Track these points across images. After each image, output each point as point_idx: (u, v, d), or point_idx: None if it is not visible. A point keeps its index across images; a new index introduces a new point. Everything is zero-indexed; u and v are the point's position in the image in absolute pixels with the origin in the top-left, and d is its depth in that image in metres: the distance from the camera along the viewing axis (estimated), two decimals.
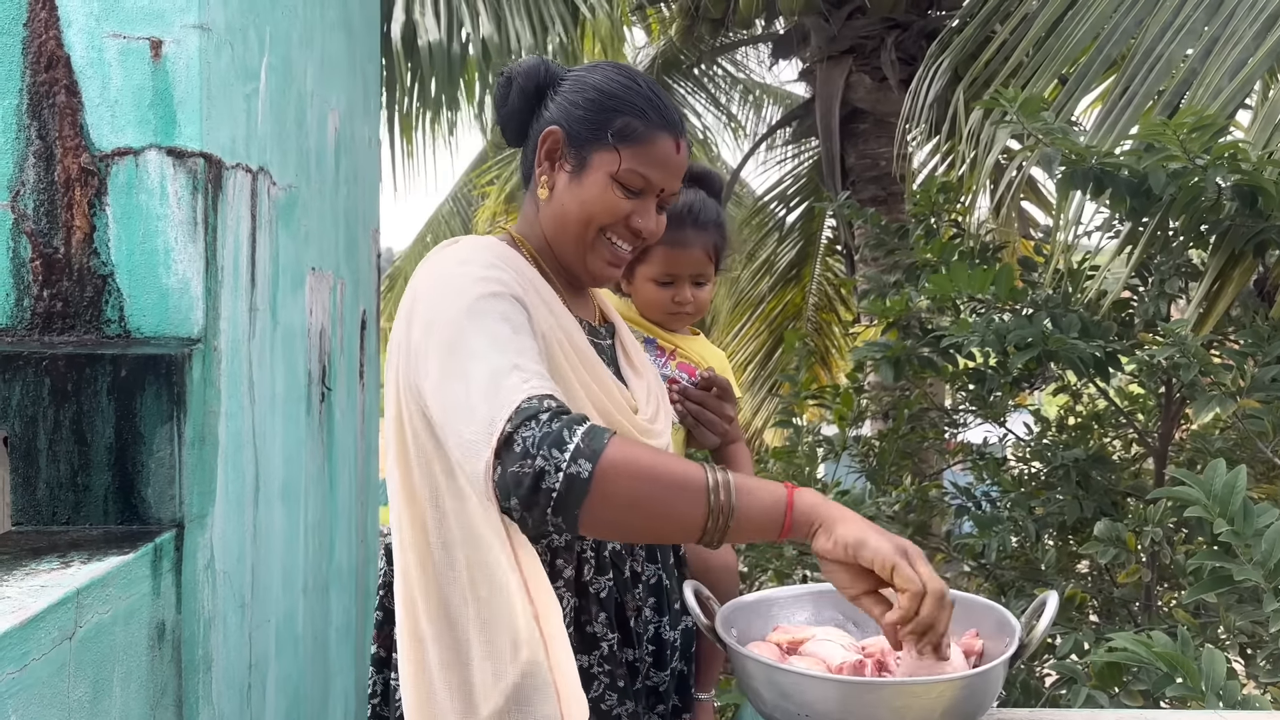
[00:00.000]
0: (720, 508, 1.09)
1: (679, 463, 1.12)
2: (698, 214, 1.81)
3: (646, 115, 1.36)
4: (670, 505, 1.09)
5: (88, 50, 1.70)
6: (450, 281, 1.26)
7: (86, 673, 1.35)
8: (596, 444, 1.07)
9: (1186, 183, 2.23)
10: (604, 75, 1.40)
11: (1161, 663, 1.40)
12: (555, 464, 1.06)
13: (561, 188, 1.37)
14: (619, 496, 1.08)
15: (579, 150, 1.36)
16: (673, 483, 1.09)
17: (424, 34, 4.94)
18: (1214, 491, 1.67)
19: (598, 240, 1.38)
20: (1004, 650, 1.08)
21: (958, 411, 3.53)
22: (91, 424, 1.62)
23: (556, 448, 1.06)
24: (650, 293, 1.86)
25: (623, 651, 1.36)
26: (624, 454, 1.08)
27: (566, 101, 1.38)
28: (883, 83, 5.54)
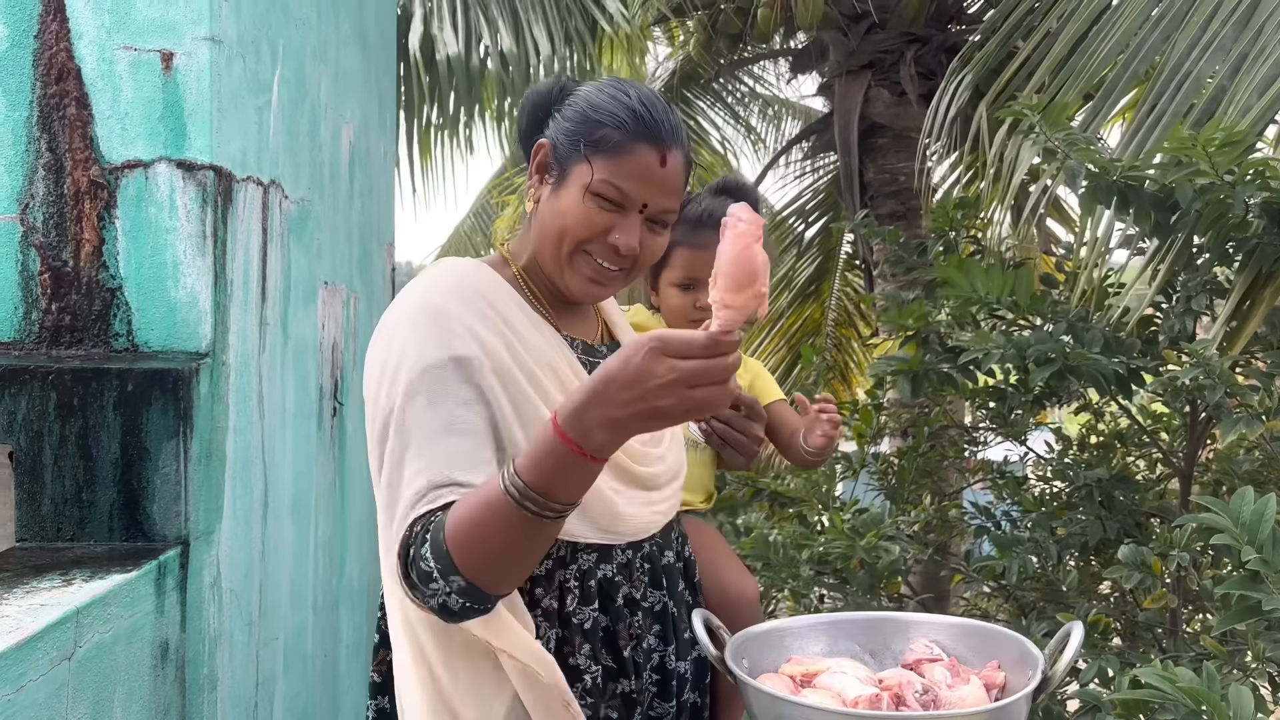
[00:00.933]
0: (532, 501, 1.08)
1: (482, 499, 1.13)
2: (717, 216, 1.75)
3: (625, 126, 1.30)
4: (506, 533, 1.11)
5: (98, 62, 1.69)
6: (393, 347, 1.26)
7: (86, 694, 1.33)
8: (440, 553, 1.12)
9: (1214, 199, 2.18)
10: (597, 88, 1.36)
11: (1187, 699, 1.35)
12: (443, 593, 1.13)
13: (544, 201, 1.35)
14: (497, 569, 1.14)
15: (562, 163, 1.33)
16: (490, 514, 1.11)
17: (442, 47, 4.94)
18: (1243, 519, 1.62)
19: (576, 256, 1.32)
20: (1026, 683, 1.04)
21: (978, 429, 3.48)
22: (97, 439, 1.61)
23: (430, 582, 1.13)
24: (673, 299, 1.83)
25: (614, 683, 1.31)
26: (462, 542, 1.12)
27: (561, 116, 1.36)
28: (902, 97, 5.49)
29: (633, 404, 1.03)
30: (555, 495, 1.08)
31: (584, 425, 1.05)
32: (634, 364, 1.02)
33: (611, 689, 1.30)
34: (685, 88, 7.33)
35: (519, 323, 1.30)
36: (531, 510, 1.08)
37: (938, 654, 1.18)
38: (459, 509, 1.13)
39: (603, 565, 1.31)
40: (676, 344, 1.01)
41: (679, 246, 1.77)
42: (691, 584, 1.47)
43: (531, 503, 1.07)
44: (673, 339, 1.02)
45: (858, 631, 1.27)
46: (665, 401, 1.02)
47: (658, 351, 1.01)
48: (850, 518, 2.58)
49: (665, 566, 1.39)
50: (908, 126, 5.51)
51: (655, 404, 1.02)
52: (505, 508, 1.08)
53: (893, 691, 1.07)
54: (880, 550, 2.45)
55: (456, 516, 1.12)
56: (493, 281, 1.33)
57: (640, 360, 1.02)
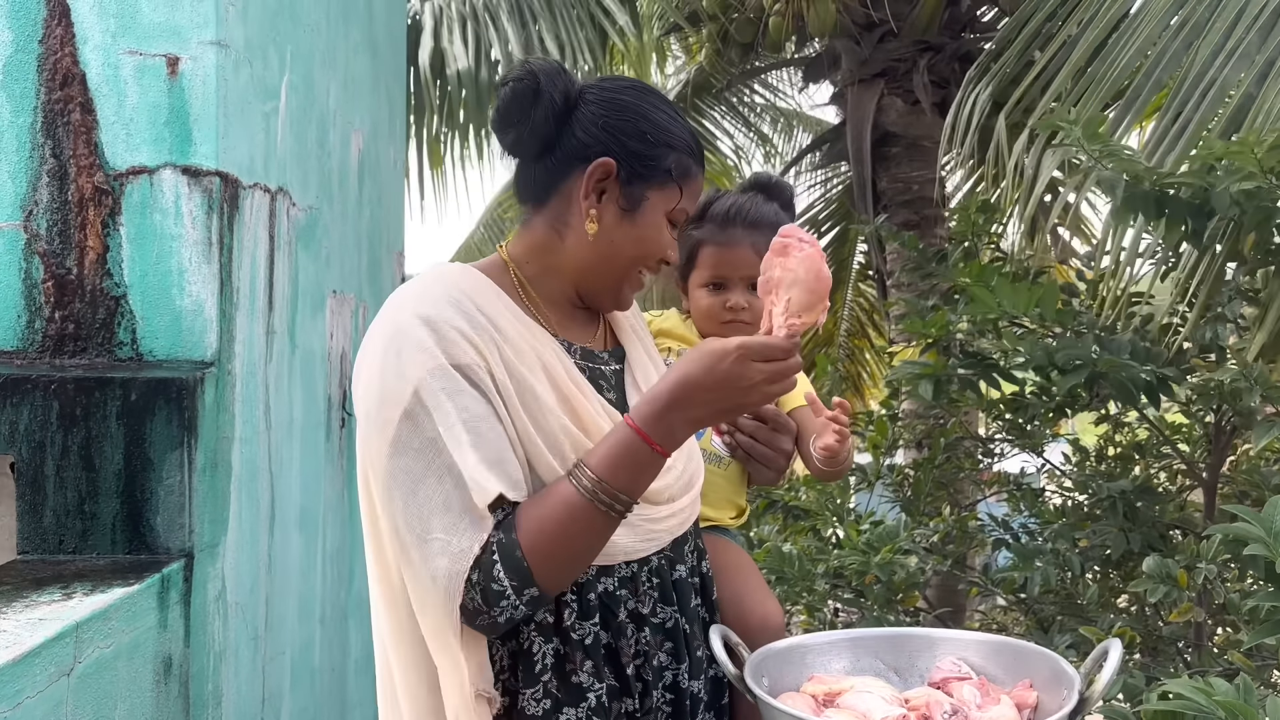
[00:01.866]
0: (618, 501, 1.17)
1: (556, 500, 1.18)
2: (746, 213, 1.69)
3: (693, 151, 1.35)
4: (590, 536, 1.19)
5: (103, 67, 1.66)
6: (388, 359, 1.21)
7: (86, 710, 1.30)
8: (520, 570, 1.15)
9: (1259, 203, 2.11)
10: (650, 104, 1.33)
11: (1223, 712, 1.30)
12: (512, 606, 1.16)
13: (611, 224, 1.30)
14: (567, 577, 1.21)
15: (630, 186, 1.29)
16: (573, 521, 1.17)
17: (452, 61, 4.93)
18: (1276, 528, 1.57)
19: (636, 276, 1.36)
20: (1061, 704, 0.99)
21: (993, 441, 3.43)
22: (100, 450, 1.58)
23: (501, 599, 1.16)
24: (702, 300, 1.73)
25: (618, 702, 1.26)
26: (541, 552, 1.16)
27: (615, 129, 1.29)
28: (915, 106, 5.45)
29: (718, 403, 1.17)
30: (633, 492, 1.18)
31: (667, 425, 1.17)
32: (722, 370, 1.15)
33: (617, 709, 1.25)
34: (698, 97, 7.32)
35: (508, 327, 1.26)
36: (617, 511, 1.17)
37: (966, 672, 1.13)
38: (533, 524, 1.17)
39: (603, 579, 1.26)
40: (762, 349, 1.16)
41: (706, 245, 1.69)
42: (708, 601, 1.42)
43: (617, 503, 1.17)
44: (756, 346, 1.16)
45: (882, 648, 1.22)
46: (752, 399, 1.18)
47: (746, 358, 1.15)
48: (866, 531, 2.54)
49: (676, 581, 1.34)
50: (921, 135, 5.48)
51: (740, 401, 1.18)
52: (590, 514, 1.16)
53: (920, 712, 1.03)
54: (896, 565, 2.40)
55: (533, 531, 1.17)
56: (481, 286, 1.29)
57: (729, 366, 1.15)
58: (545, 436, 1.22)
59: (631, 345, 1.45)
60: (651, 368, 1.46)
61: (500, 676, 1.23)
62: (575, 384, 1.28)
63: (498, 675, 1.23)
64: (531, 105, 1.29)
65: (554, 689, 1.22)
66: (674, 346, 1.75)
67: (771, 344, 1.16)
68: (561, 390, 1.26)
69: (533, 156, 1.33)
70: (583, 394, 1.28)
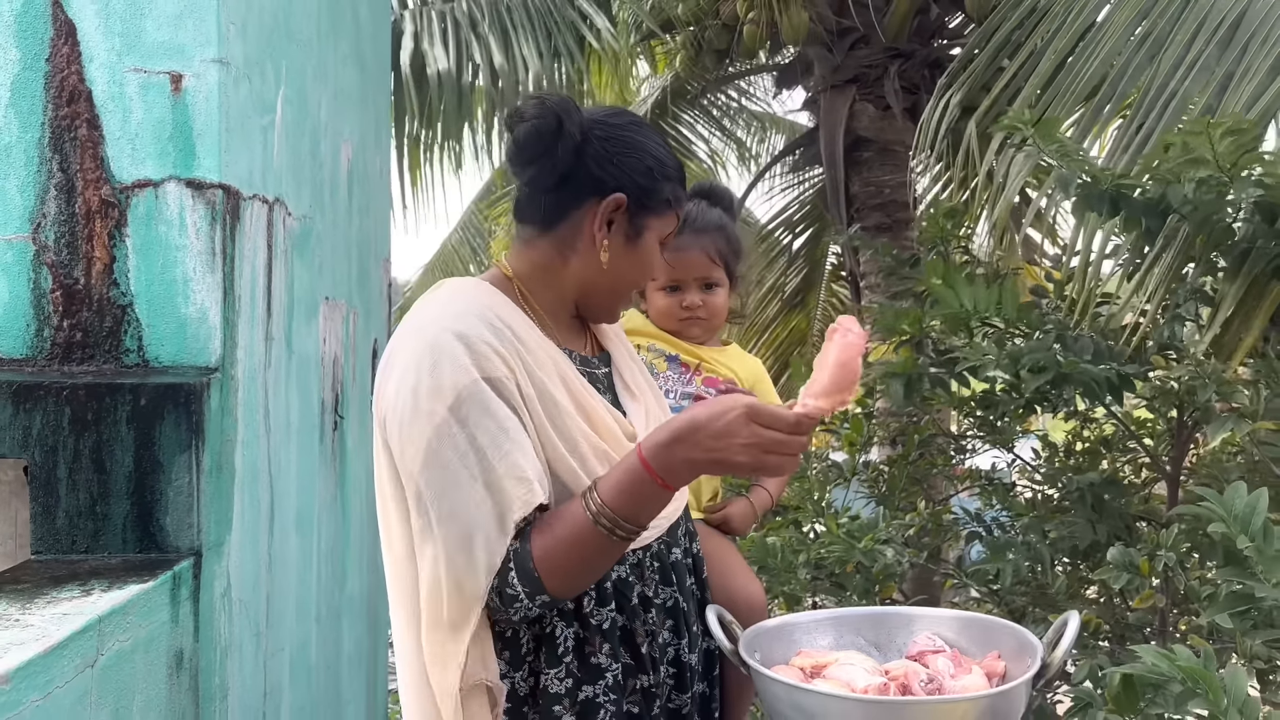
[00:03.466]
0: (620, 528, 1.24)
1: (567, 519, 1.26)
2: (694, 220, 1.86)
3: (682, 179, 1.46)
4: (594, 555, 1.27)
5: (109, 84, 1.72)
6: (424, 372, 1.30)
7: (108, 701, 1.36)
8: (531, 580, 1.25)
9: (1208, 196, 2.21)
10: (650, 139, 1.45)
11: (1184, 677, 1.39)
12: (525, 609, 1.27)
13: (616, 252, 1.42)
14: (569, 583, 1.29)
15: (635, 218, 1.41)
16: (579, 541, 1.25)
17: (433, 63, 4.99)
18: (1236, 511, 1.67)
19: (630, 293, 1.51)
20: (1025, 671, 1.08)
21: (965, 438, 3.53)
22: (111, 453, 1.63)
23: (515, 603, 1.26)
24: (659, 301, 1.90)
25: (634, 679, 1.37)
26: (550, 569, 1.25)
27: (625, 166, 1.40)
28: (886, 111, 5.57)
29: (713, 452, 1.20)
30: (638, 519, 1.25)
31: (668, 461, 1.21)
32: (723, 421, 1.19)
33: (631, 685, 1.36)
34: (673, 103, 7.40)
35: (529, 339, 1.36)
36: (619, 535, 1.24)
37: (940, 646, 1.23)
38: (545, 539, 1.26)
39: (616, 567, 1.37)
40: (765, 416, 1.19)
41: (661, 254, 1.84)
42: (700, 579, 1.53)
43: (620, 529, 1.24)
44: (763, 411, 1.19)
45: (863, 626, 1.31)
46: (740, 459, 1.20)
47: (747, 418, 1.18)
48: (846, 523, 2.63)
49: (674, 564, 1.45)
50: (892, 140, 5.59)
51: (732, 458, 1.20)
52: (595, 535, 1.24)
53: (899, 682, 1.12)
54: (876, 554, 2.49)
55: (544, 546, 1.25)
56: (499, 300, 1.39)
57: (730, 420, 1.19)
58: (565, 440, 1.32)
59: (615, 349, 1.57)
60: (635, 368, 1.57)
61: (526, 659, 1.33)
62: (586, 390, 1.38)
63: (524, 658, 1.32)
64: (554, 143, 1.38)
65: (575, 669, 1.32)
66: (642, 343, 1.88)
67: (778, 414, 1.20)
68: (575, 396, 1.36)
69: (546, 188, 1.41)
70: (591, 398, 1.38)
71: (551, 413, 1.32)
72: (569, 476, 1.31)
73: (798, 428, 1.20)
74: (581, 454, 1.32)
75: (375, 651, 2.91)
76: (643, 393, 1.54)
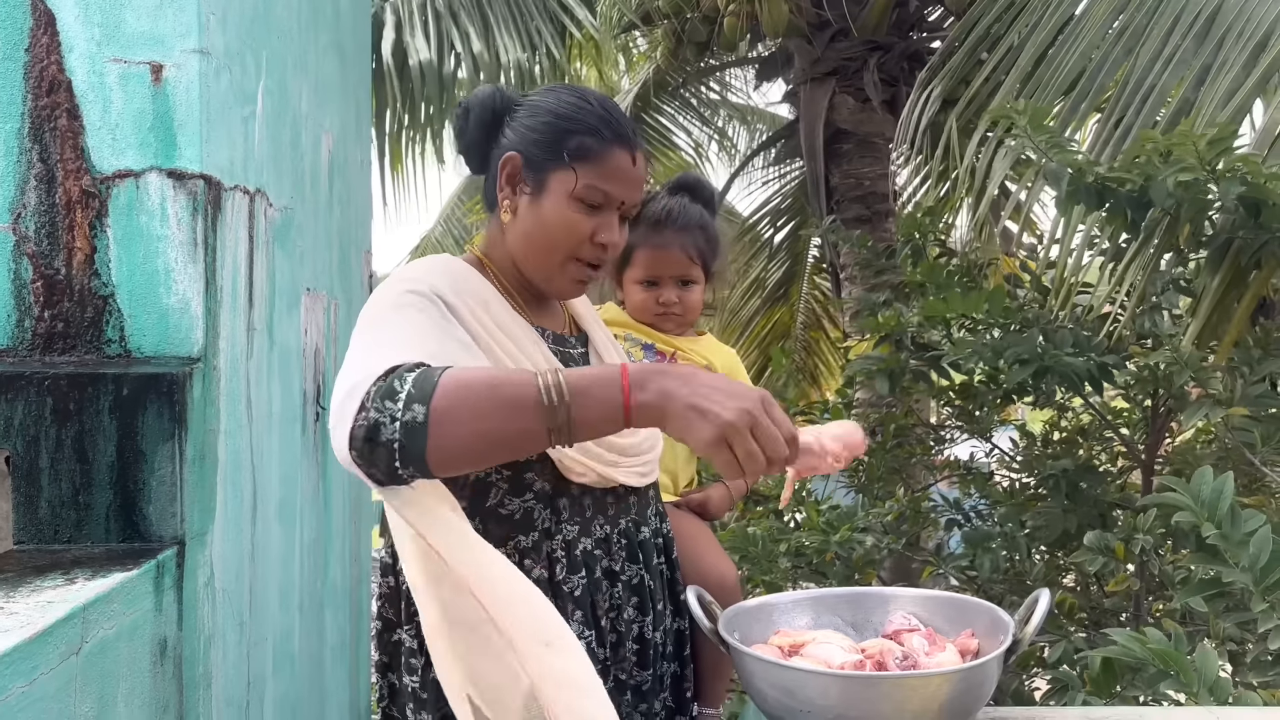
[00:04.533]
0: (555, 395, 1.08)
1: (510, 379, 1.10)
2: (677, 217, 1.87)
3: (599, 132, 1.40)
4: (509, 426, 1.08)
5: (89, 75, 1.72)
6: (383, 289, 1.35)
7: (92, 689, 1.36)
8: (426, 385, 1.07)
9: (1194, 195, 2.26)
10: (556, 98, 1.45)
11: (1156, 659, 1.43)
12: (390, 414, 1.07)
13: (524, 210, 1.43)
14: (458, 435, 1.08)
15: (537, 173, 1.42)
16: (505, 402, 1.08)
17: (414, 54, 4.98)
18: (1202, 497, 1.70)
19: (567, 263, 1.42)
20: (998, 648, 1.11)
21: (944, 428, 3.57)
22: (93, 443, 1.64)
23: (389, 399, 1.07)
24: (636, 295, 1.92)
25: (592, 652, 1.38)
26: (455, 388, 1.07)
27: (523, 127, 1.43)
28: (866, 104, 5.60)
29: (704, 396, 1.05)
30: (575, 409, 1.08)
31: (646, 378, 1.08)
32: (738, 385, 1.08)
33: (592, 657, 1.37)
34: (654, 94, 7.41)
35: (501, 314, 1.39)
36: (548, 404, 1.07)
37: (915, 624, 1.25)
38: (469, 369, 1.12)
39: (583, 539, 1.39)
40: (779, 413, 1.07)
41: (640, 247, 1.87)
42: (669, 559, 1.55)
43: (552, 395, 1.07)
44: (776, 405, 1.08)
45: (841, 606, 1.34)
46: (730, 416, 1.04)
47: (761, 398, 1.06)
48: (825, 512, 2.66)
49: (642, 542, 1.47)
50: (872, 132, 5.62)
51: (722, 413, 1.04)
52: (525, 384, 1.08)
53: (875, 659, 1.14)
54: (854, 542, 2.52)
55: (465, 370, 1.11)
56: (469, 272, 1.43)
57: (744, 388, 1.07)
58: None
59: (593, 330, 1.60)
60: (613, 349, 1.60)
61: None
62: (555, 363, 1.40)
63: None
64: (465, 124, 1.47)
65: None
66: (619, 333, 1.90)
67: (787, 421, 1.09)
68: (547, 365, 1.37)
69: (479, 169, 1.50)
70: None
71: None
72: None
73: (793, 447, 1.08)
74: None
75: (358, 641, 2.92)
76: None
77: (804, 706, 1.08)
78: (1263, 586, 1.61)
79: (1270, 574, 1.63)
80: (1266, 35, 2.67)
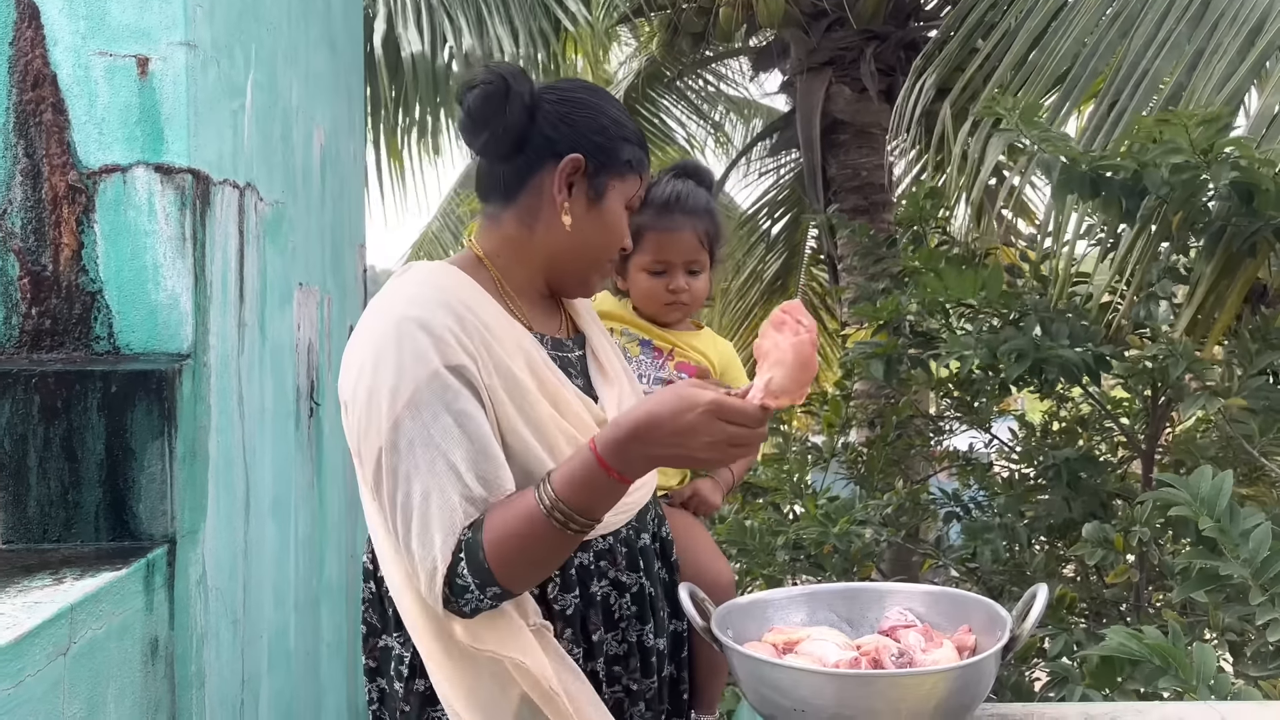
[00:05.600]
0: (575, 522, 1.21)
1: (520, 510, 1.23)
2: (686, 200, 1.81)
3: (643, 144, 1.44)
4: (547, 549, 1.24)
5: (74, 68, 1.70)
6: (384, 361, 1.27)
7: (81, 689, 1.35)
8: (481, 570, 1.22)
9: (1186, 179, 2.24)
10: (606, 101, 1.43)
11: (1154, 656, 1.41)
12: (475, 603, 1.24)
13: (580, 215, 1.39)
14: (528, 583, 1.27)
15: (595, 178, 1.38)
16: (532, 534, 1.21)
17: (406, 46, 4.95)
18: (1201, 494, 1.69)
19: (605, 265, 1.45)
20: (996, 644, 1.09)
21: (943, 418, 3.55)
22: (82, 441, 1.62)
23: (465, 594, 1.23)
24: (644, 283, 1.85)
25: (592, 662, 1.37)
26: (500, 555, 1.21)
27: (580, 126, 1.38)
28: (862, 94, 5.58)
29: (674, 448, 1.17)
30: (593, 513, 1.22)
31: (626, 457, 1.19)
32: (687, 419, 1.16)
33: (590, 668, 1.36)
34: (649, 86, 7.38)
35: (496, 325, 1.34)
36: (574, 529, 1.21)
37: (912, 620, 1.23)
38: (497, 529, 1.22)
39: (580, 554, 1.36)
40: (731, 411, 1.16)
41: (648, 231, 1.80)
42: (669, 564, 1.52)
43: (574, 523, 1.20)
44: (728, 407, 1.16)
45: (835, 601, 1.32)
46: (706, 454, 1.18)
47: (713, 415, 1.15)
48: (824, 504, 2.65)
49: (642, 549, 1.44)
50: (869, 122, 5.60)
51: (696, 454, 1.18)
52: (548, 529, 1.21)
53: (870, 656, 1.12)
54: (853, 535, 2.51)
55: (496, 538, 1.22)
56: (467, 286, 1.36)
57: (694, 418, 1.16)
58: (533, 427, 1.30)
59: (590, 330, 1.55)
60: (610, 349, 1.56)
61: None
62: (554, 375, 1.36)
63: None
64: (503, 105, 1.36)
65: None
66: (615, 328, 1.86)
67: (745, 409, 1.17)
68: (543, 382, 1.34)
69: (502, 156, 1.40)
70: (560, 384, 1.36)
71: (518, 399, 1.30)
72: (536, 465, 1.29)
73: (761, 420, 1.18)
74: (550, 440, 1.31)
75: (355, 638, 2.91)
76: (617, 376, 1.52)
77: (798, 705, 1.06)
78: (1261, 581, 1.60)
79: (1269, 568, 1.61)
80: (1261, 19, 2.65)
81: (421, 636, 1.31)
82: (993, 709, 1.24)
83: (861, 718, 1.06)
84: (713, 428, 1.15)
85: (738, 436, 1.16)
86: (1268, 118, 2.49)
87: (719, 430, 1.15)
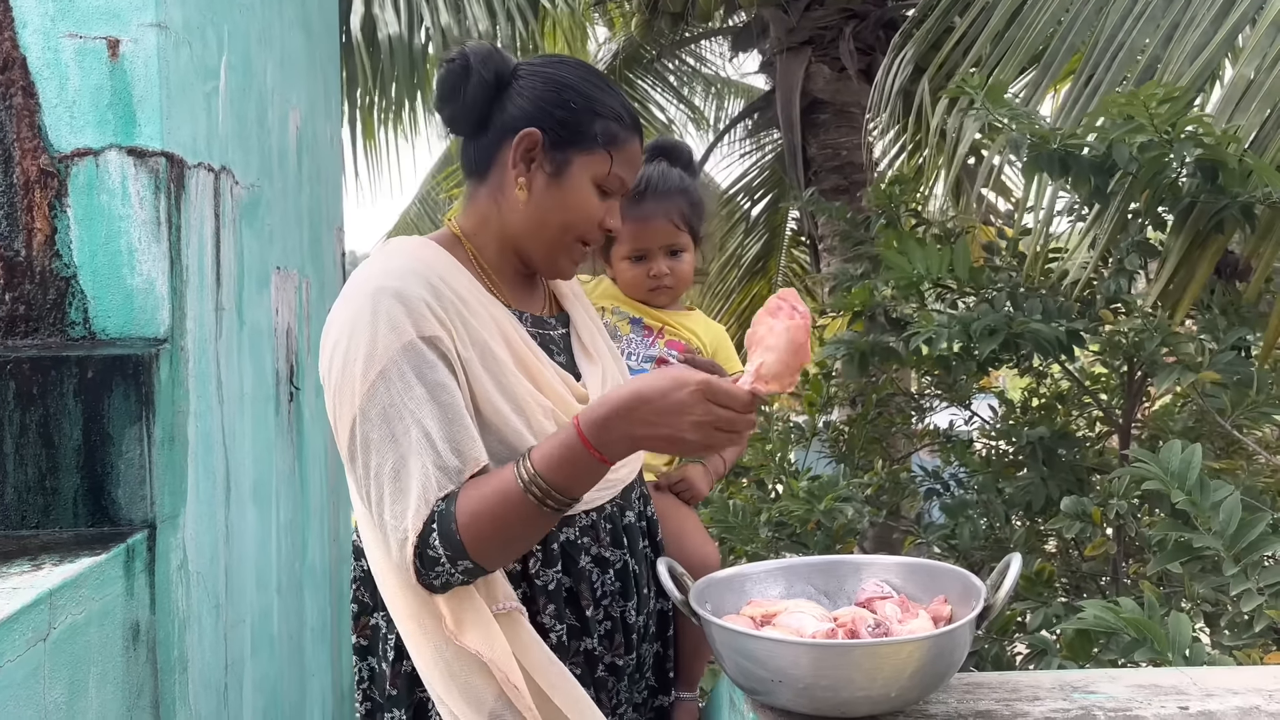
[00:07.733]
0: (552, 499, 1.21)
1: (504, 495, 1.22)
2: (656, 185, 1.81)
3: (623, 119, 1.39)
4: (522, 524, 1.23)
5: (44, 51, 1.68)
6: (359, 331, 1.27)
7: (62, 674, 1.35)
8: (453, 540, 1.21)
9: (1151, 157, 2.25)
10: (577, 76, 1.40)
11: (1129, 628, 1.43)
12: (446, 577, 1.23)
13: (540, 190, 1.37)
14: (502, 557, 1.26)
15: (559, 153, 1.36)
16: (507, 507, 1.21)
17: (384, 27, 4.91)
18: (1172, 468, 1.71)
19: (573, 245, 1.41)
20: (970, 613, 1.11)
21: (924, 396, 3.57)
22: (59, 426, 1.61)
23: (436, 565, 1.22)
24: (626, 272, 1.86)
25: (577, 641, 1.37)
26: (472, 528, 1.20)
27: (541, 100, 1.37)
28: (842, 73, 5.57)
29: (660, 428, 1.17)
30: (572, 491, 1.21)
31: (608, 436, 1.18)
32: (674, 398, 1.15)
33: (575, 647, 1.36)
34: (628, 68, 7.35)
35: (471, 298, 1.34)
36: (550, 506, 1.20)
37: (888, 592, 1.25)
38: (471, 502, 1.22)
39: (565, 529, 1.36)
40: (721, 394, 1.16)
41: (624, 221, 1.80)
42: (654, 543, 1.53)
43: (552, 500, 1.20)
44: (719, 389, 1.16)
45: (813, 574, 1.33)
46: (692, 436, 1.17)
47: (701, 394, 1.15)
48: (807, 483, 2.66)
49: (626, 526, 1.44)
50: (848, 102, 5.60)
51: (682, 435, 1.17)
52: (524, 503, 1.20)
53: (847, 628, 1.14)
54: (836, 512, 2.52)
55: (470, 510, 1.21)
56: (444, 260, 1.37)
57: (682, 396, 1.15)
58: (510, 399, 1.30)
59: (574, 310, 1.55)
60: (594, 329, 1.55)
61: None
62: (531, 351, 1.36)
63: None
64: (463, 83, 1.37)
65: None
66: (607, 306, 1.87)
67: (734, 392, 1.16)
68: (519, 356, 1.34)
69: (470, 132, 1.41)
70: (539, 360, 1.36)
71: (495, 372, 1.30)
72: (514, 437, 1.29)
73: (750, 406, 1.17)
74: (528, 413, 1.31)
75: (339, 621, 2.91)
76: (601, 355, 1.52)
77: (776, 676, 1.08)
78: (1234, 552, 1.62)
79: (1241, 539, 1.63)
80: None
81: (401, 617, 1.31)
82: (969, 678, 1.26)
83: (839, 687, 1.07)
84: (700, 408, 1.15)
85: (725, 420, 1.15)
86: (1241, 88, 2.51)
87: (706, 411, 1.15)
